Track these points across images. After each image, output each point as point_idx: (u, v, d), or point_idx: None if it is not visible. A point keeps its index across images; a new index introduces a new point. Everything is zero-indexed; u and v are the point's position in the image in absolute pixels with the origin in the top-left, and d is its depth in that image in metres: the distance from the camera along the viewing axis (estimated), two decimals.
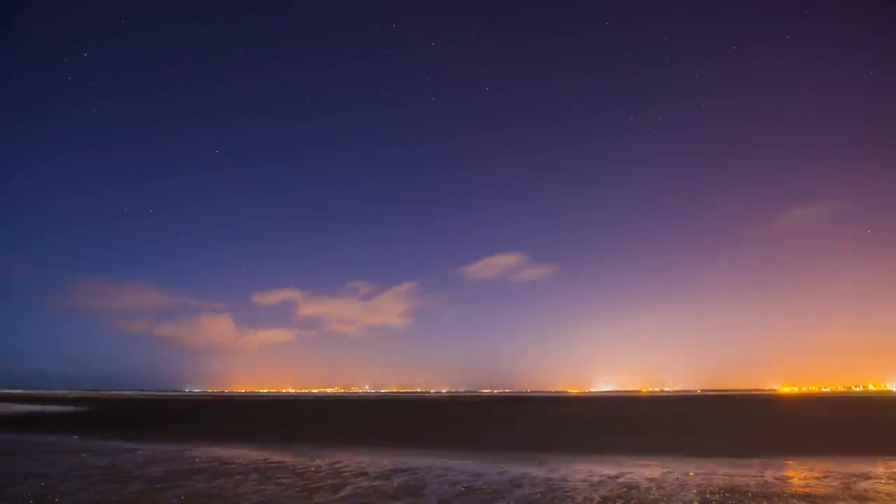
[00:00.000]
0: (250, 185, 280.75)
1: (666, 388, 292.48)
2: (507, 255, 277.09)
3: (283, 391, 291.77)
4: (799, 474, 11.93)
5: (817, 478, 11.37)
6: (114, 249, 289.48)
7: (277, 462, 13.95)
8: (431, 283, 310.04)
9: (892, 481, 10.96)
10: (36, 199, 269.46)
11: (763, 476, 11.67)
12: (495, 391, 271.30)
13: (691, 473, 12.08)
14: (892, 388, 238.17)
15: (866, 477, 11.47)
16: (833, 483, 10.73)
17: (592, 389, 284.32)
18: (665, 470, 12.66)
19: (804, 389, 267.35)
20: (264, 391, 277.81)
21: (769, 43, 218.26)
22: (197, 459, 14.33)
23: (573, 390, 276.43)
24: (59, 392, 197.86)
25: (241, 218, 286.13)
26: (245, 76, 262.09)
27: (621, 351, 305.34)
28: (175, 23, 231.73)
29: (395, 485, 10.67)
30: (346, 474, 11.91)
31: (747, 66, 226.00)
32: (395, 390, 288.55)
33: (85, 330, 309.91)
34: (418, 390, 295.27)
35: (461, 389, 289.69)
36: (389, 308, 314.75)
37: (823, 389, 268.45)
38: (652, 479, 11.25)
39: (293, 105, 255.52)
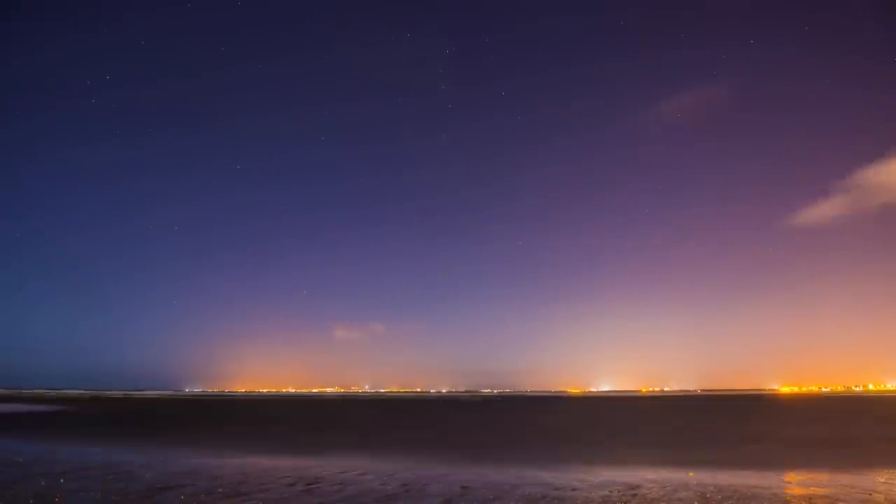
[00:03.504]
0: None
1: (666, 388, 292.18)
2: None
3: (283, 391, 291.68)
4: None
5: None
6: None
7: None
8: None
9: None
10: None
11: None
12: (495, 391, 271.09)
13: None
14: (892, 387, 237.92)
15: None
16: None
17: (592, 389, 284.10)
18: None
19: (804, 389, 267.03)
20: (265, 391, 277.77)
21: (787, 34, 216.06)
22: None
23: (573, 390, 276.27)
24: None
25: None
26: (257, 87, 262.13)
27: (621, 351, 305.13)
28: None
29: None
30: None
31: (765, 58, 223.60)
32: (395, 390, 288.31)
33: None
34: (418, 390, 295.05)
35: (461, 389, 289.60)
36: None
37: (823, 389, 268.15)
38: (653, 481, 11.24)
39: (307, 115, 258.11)
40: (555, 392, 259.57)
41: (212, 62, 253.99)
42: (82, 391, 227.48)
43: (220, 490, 9.94)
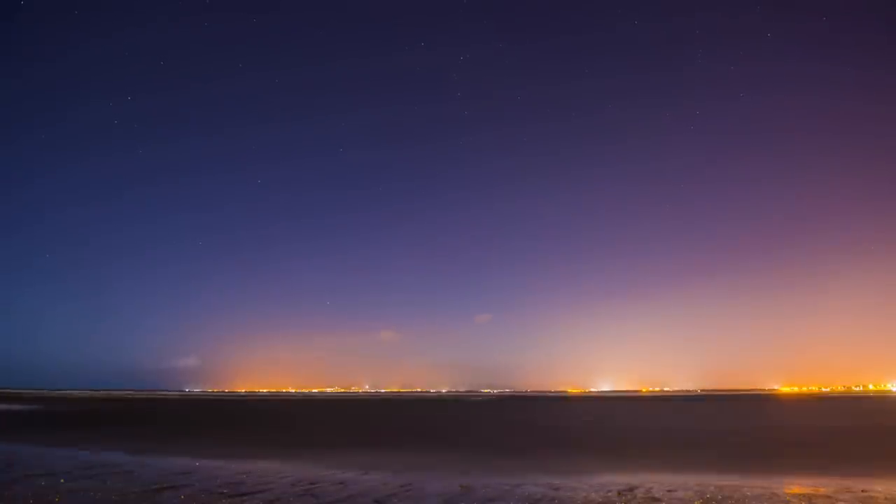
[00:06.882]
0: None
1: (666, 388, 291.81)
2: None
3: (284, 391, 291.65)
4: None
5: None
6: None
7: None
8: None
9: None
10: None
11: None
12: (495, 391, 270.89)
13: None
14: (892, 388, 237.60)
15: None
16: None
17: (592, 389, 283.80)
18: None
19: (804, 389, 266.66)
20: (265, 391, 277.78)
21: (805, 31, 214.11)
22: None
23: (573, 390, 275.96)
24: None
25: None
26: (274, 97, 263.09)
27: (621, 351, 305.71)
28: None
29: None
30: None
31: (783, 57, 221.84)
32: (394, 390, 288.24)
33: None
34: (418, 390, 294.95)
35: (462, 389, 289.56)
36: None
37: (823, 389, 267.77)
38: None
39: (324, 124, 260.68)
40: (555, 392, 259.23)
41: (228, 75, 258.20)
42: (89, 391, 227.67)
43: (220, 490, 9.94)
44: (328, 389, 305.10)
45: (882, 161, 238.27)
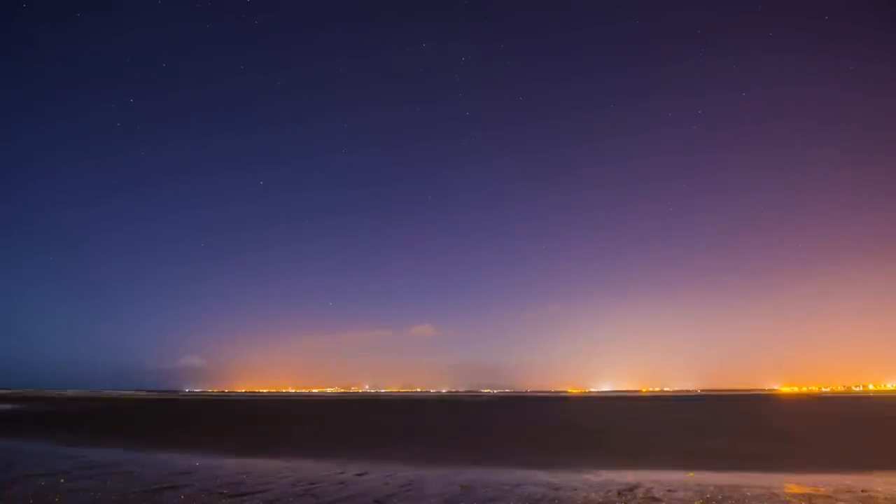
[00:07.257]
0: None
1: (666, 388, 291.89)
2: None
3: (284, 391, 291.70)
4: None
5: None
6: None
7: None
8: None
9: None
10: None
11: None
12: (495, 391, 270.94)
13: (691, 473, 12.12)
14: (892, 388, 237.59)
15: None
16: None
17: (592, 389, 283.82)
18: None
19: (804, 389, 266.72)
20: (264, 391, 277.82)
21: (806, 29, 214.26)
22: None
23: (573, 390, 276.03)
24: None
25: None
26: (277, 98, 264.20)
27: (621, 351, 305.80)
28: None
29: None
30: None
31: (785, 55, 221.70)
32: (395, 390, 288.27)
33: None
34: (418, 390, 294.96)
35: (462, 389, 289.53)
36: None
37: (823, 389, 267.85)
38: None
39: (327, 124, 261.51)
40: (555, 392, 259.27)
41: (230, 76, 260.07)
42: (89, 391, 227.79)
43: (220, 490, 9.94)
44: (328, 389, 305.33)
45: (884, 160, 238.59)
